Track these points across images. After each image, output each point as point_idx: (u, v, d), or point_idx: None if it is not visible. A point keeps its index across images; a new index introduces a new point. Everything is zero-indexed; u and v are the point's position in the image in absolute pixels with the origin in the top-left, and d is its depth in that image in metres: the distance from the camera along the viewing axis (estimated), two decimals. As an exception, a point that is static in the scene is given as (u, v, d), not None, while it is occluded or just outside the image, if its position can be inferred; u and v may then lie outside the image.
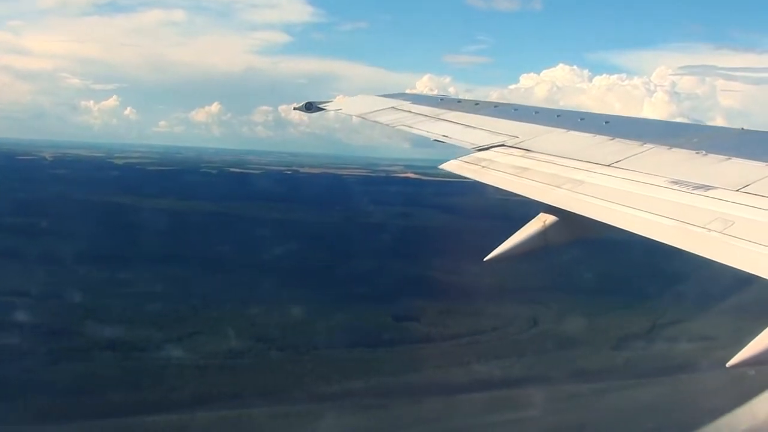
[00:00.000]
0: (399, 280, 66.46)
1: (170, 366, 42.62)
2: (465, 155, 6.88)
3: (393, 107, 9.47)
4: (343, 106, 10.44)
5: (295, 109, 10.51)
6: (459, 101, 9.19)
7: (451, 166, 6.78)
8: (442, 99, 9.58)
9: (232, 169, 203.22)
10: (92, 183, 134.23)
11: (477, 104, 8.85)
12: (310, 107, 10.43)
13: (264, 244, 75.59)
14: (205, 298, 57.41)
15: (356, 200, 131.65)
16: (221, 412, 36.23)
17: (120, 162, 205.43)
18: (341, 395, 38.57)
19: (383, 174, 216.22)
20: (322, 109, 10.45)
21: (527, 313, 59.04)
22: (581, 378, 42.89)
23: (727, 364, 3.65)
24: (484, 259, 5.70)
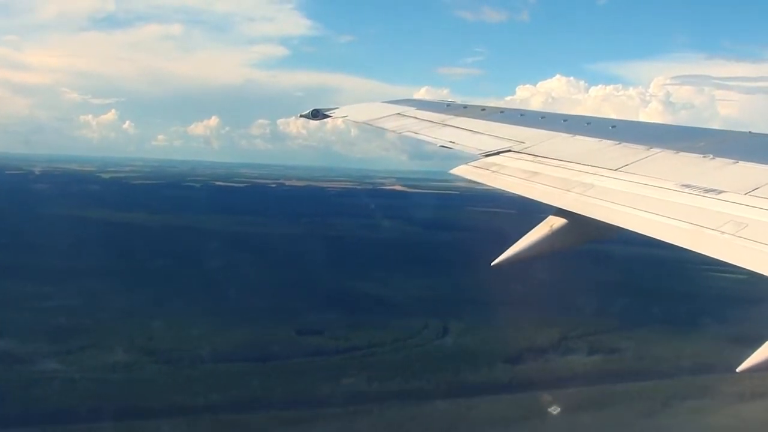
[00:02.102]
0: (322, 292, 66.30)
1: (44, 379, 42.69)
2: (467, 163, 6.89)
3: (399, 113, 9.46)
4: (349, 113, 10.40)
5: (301, 116, 10.52)
6: (465, 107, 9.15)
7: (461, 171, 6.75)
8: (448, 105, 9.53)
9: (217, 183, 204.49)
10: (66, 197, 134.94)
11: (483, 110, 8.83)
12: (316, 114, 10.36)
13: (202, 258, 75.75)
14: (117, 311, 57.49)
15: (327, 213, 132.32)
16: (70, 426, 36.37)
17: (107, 176, 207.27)
18: (197, 410, 38.60)
19: (370, 186, 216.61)
20: (328, 116, 10.43)
21: (440, 324, 58.64)
22: (454, 393, 42.53)
23: (738, 369, 3.60)
24: (492, 264, 5.49)
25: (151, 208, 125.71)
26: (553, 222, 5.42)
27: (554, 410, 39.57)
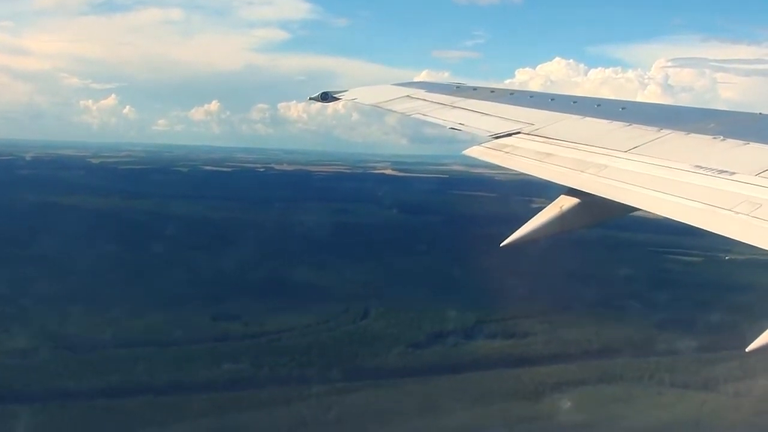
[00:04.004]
0: (257, 278, 66.41)
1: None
2: (480, 144, 6.91)
3: (408, 96, 9.45)
4: (358, 95, 10.38)
5: (311, 99, 10.45)
6: (474, 89, 9.12)
7: (474, 152, 6.76)
8: (457, 87, 9.50)
9: (206, 167, 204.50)
10: (44, 183, 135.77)
11: (493, 92, 8.82)
12: (326, 97, 10.30)
13: (149, 243, 75.99)
14: (42, 297, 57.57)
15: (302, 198, 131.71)
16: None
17: (97, 161, 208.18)
18: (74, 395, 39.02)
19: (361, 171, 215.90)
20: (338, 99, 10.37)
21: (362, 309, 58.36)
22: (340, 379, 42.43)
23: (747, 349, 3.61)
24: (501, 245, 5.47)
25: (126, 193, 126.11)
26: (564, 203, 5.43)
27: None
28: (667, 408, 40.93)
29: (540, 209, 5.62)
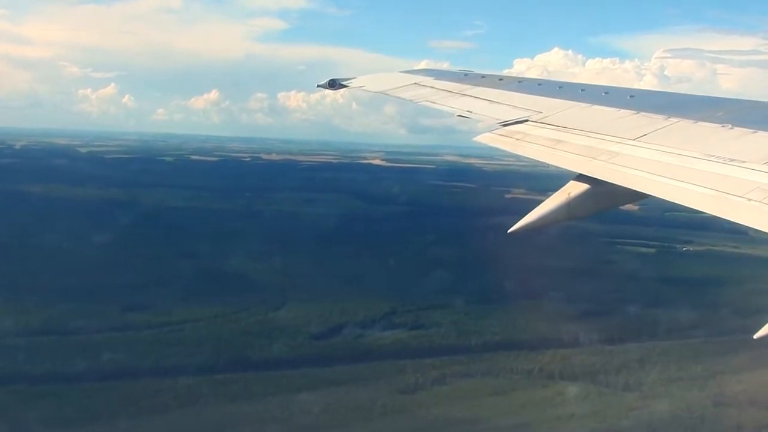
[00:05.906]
0: (186, 268, 66.19)
1: None
2: (483, 134, 6.99)
3: (416, 83, 9.50)
4: (365, 83, 10.40)
5: (318, 86, 10.51)
6: (483, 77, 9.19)
7: (485, 139, 6.82)
8: (466, 74, 9.52)
9: (192, 157, 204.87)
10: (14, 172, 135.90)
11: (501, 79, 8.88)
12: (333, 84, 10.33)
13: (91, 233, 76.02)
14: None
15: (275, 188, 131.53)
16: None
17: (84, 150, 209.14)
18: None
19: (348, 160, 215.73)
20: (345, 86, 10.43)
21: (279, 300, 58.22)
22: (219, 369, 42.49)
23: (755, 336, 3.69)
24: (508, 231, 5.52)
25: (98, 183, 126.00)
26: (572, 189, 5.46)
27: None
28: (542, 402, 40.61)
29: (514, 201, 5.46)
